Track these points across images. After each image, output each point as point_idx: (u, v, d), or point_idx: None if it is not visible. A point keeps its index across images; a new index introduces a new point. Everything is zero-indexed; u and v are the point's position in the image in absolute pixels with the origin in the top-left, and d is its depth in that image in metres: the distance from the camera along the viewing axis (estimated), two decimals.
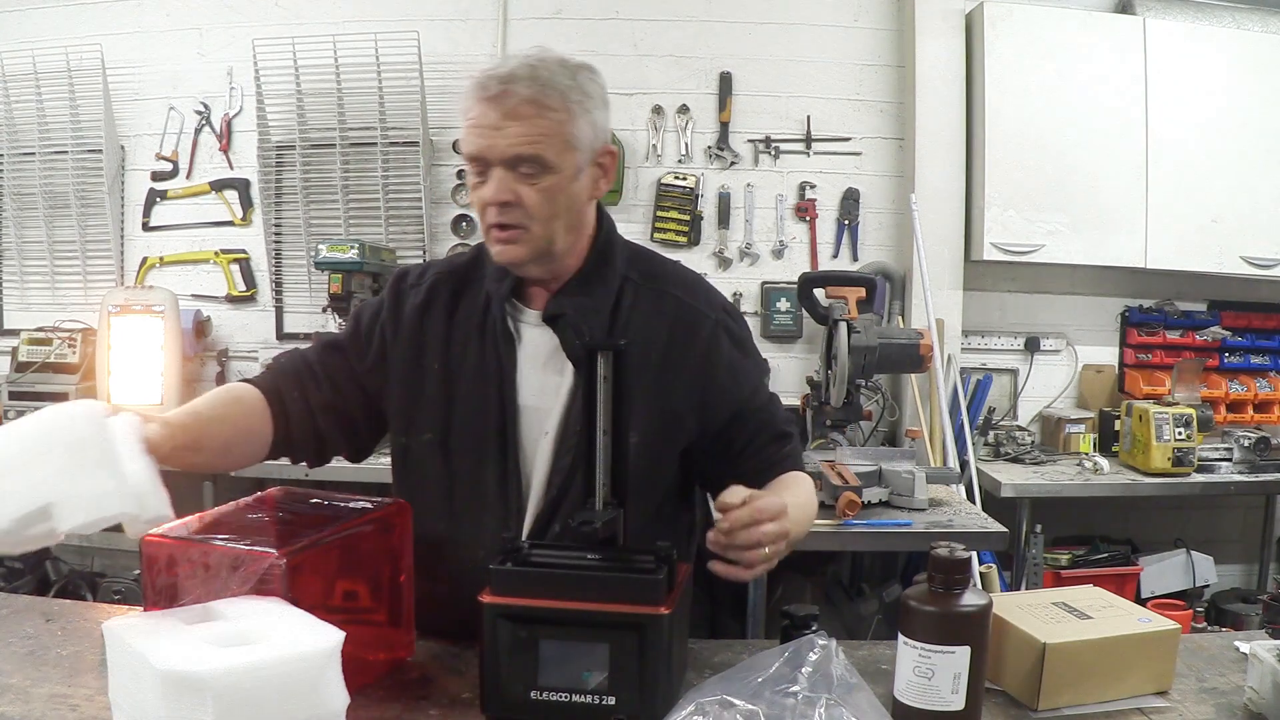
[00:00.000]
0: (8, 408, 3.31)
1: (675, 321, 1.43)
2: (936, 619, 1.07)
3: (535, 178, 1.31)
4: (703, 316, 1.45)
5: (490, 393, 1.41)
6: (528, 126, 1.29)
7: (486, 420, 1.40)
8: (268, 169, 3.66)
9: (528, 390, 1.41)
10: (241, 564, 1.09)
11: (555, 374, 1.41)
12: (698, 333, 1.43)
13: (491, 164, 1.31)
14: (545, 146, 1.30)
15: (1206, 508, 3.77)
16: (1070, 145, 3.43)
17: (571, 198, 1.36)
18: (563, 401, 1.40)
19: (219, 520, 1.21)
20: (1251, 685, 1.18)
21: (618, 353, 1.21)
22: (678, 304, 1.45)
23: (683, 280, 1.50)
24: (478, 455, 1.41)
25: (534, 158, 1.30)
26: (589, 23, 3.66)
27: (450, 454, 1.43)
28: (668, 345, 1.42)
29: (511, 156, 1.30)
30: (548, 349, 1.41)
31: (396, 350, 1.46)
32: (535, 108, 1.29)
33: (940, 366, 3.31)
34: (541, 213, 1.33)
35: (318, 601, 1.11)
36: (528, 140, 1.29)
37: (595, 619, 1.10)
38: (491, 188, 1.31)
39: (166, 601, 1.12)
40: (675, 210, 3.65)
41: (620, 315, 1.42)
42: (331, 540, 1.18)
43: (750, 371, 1.51)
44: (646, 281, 1.46)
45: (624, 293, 1.44)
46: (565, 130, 1.32)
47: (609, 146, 1.40)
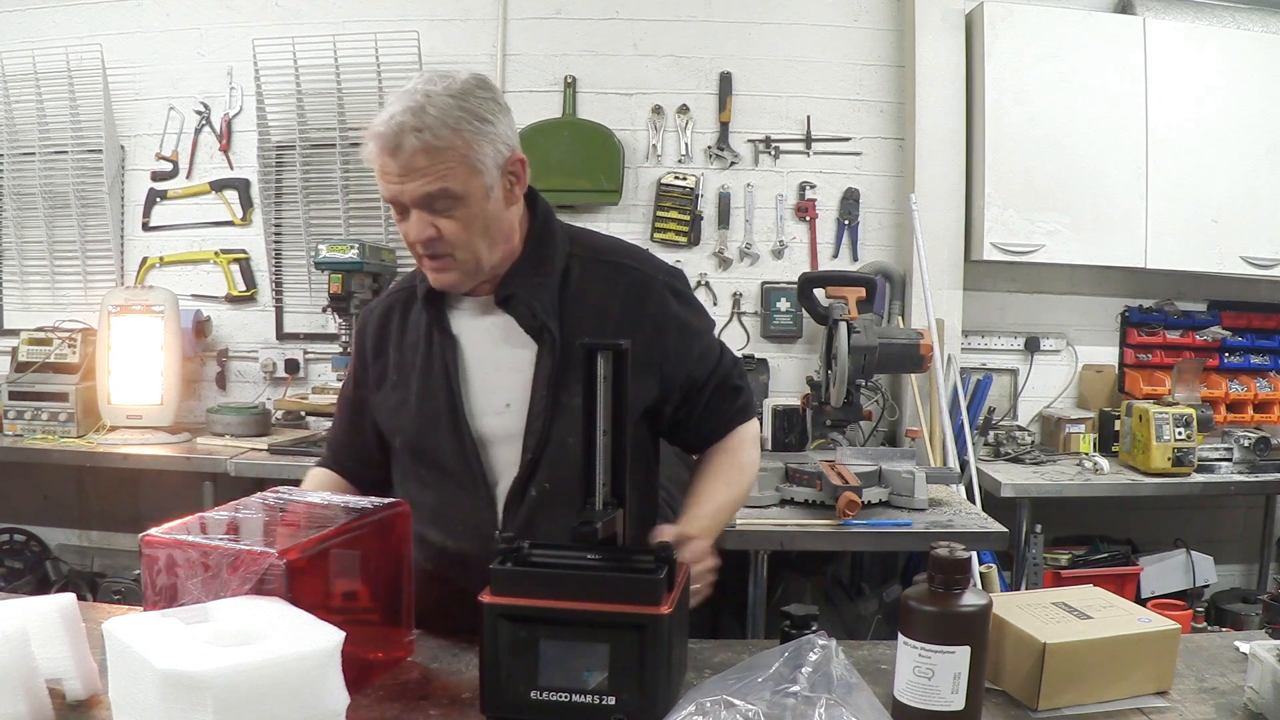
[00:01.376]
0: (8, 408, 3.31)
1: (627, 287, 1.52)
2: (936, 619, 1.07)
3: (449, 211, 1.40)
4: (650, 279, 1.55)
5: (438, 382, 1.51)
6: (427, 171, 1.37)
7: (438, 410, 1.50)
8: (268, 169, 3.66)
9: (481, 371, 1.51)
10: (241, 564, 1.10)
11: (506, 349, 1.50)
12: (648, 295, 1.53)
13: (406, 208, 1.41)
14: (450, 181, 1.38)
15: (1206, 508, 3.77)
16: (1070, 145, 3.43)
17: (488, 217, 1.44)
18: (524, 373, 1.49)
19: (219, 520, 1.21)
20: (1251, 685, 1.18)
21: (618, 353, 1.21)
22: (627, 272, 1.54)
23: (628, 251, 1.61)
24: (435, 443, 1.51)
25: (441, 193, 1.38)
26: (589, 23, 3.66)
27: (416, 450, 1.54)
28: (622, 309, 1.51)
29: (420, 198, 1.39)
30: (500, 327, 1.50)
31: (373, 374, 1.60)
32: (428, 155, 1.36)
33: (940, 366, 3.31)
34: (461, 240, 1.42)
35: (318, 601, 1.11)
36: (430, 182, 1.37)
37: (595, 619, 1.10)
38: (412, 228, 1.42)
39: (166, 601, 1.13)
40: (675, 210, 3.65)
41: (569, 288, 1.51)
42: (331, 540, 1.18)
43: (700, 327, 1.61)
44: (594, 254, 1.56)
45: (571, 268, 1.53)
46: (466, 161, 1.38)
47: (516, 155, 1.47)
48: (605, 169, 3.56)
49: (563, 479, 1.44)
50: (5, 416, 3.32)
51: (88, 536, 3.76)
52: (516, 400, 1.49)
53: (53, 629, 1.13)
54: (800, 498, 2.58)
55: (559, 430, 1.46)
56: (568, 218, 3.70)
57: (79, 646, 1.15)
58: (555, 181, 3.55)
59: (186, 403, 3.62)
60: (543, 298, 1.48)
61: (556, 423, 1.46)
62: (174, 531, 1.16)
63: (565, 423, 1.45)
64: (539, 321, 1.47)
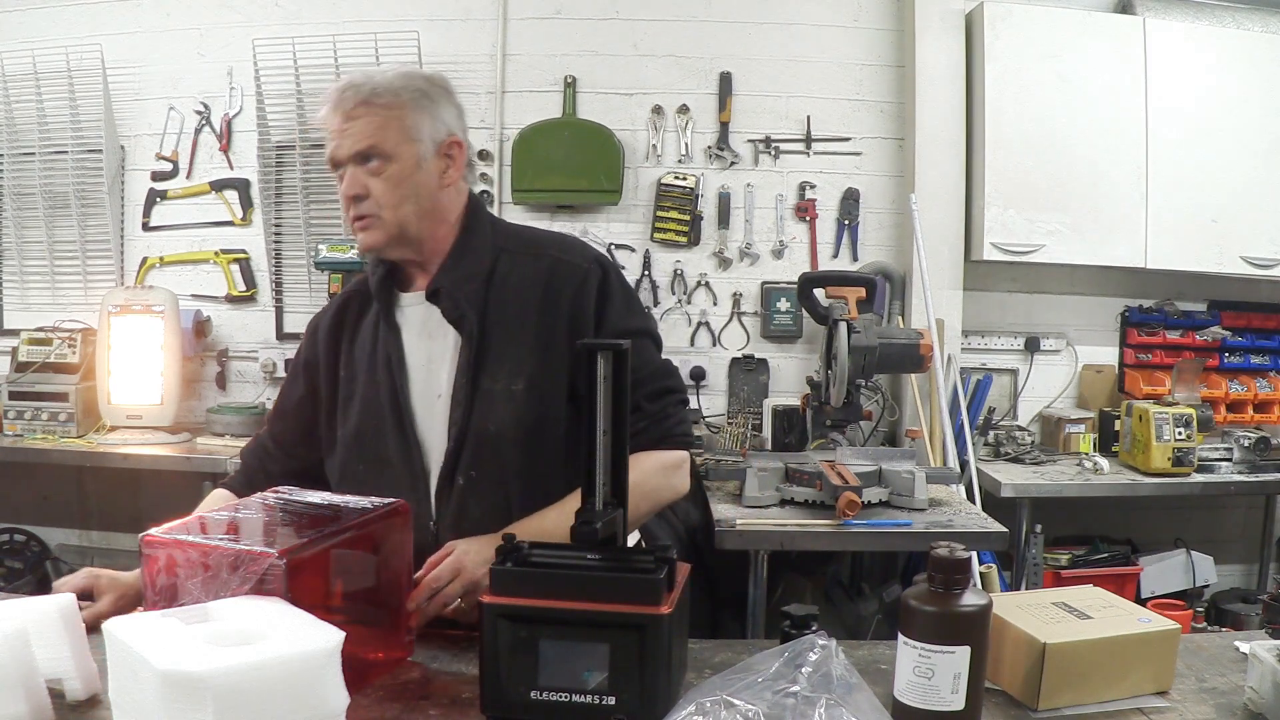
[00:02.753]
0: (8, 408, 3.31)
1: (550, 275, 1.55)
2: (936, 619, 1.07)
3: (379, 170, 1.48)
4: (575, 267, 1.56)
5: (381, 375, 1.55)
6: (363, 124, 1.47)
7: (380, 399, 1.54)
8: (268, 169, 3.66)
9: (415, 362, 1.55)
10: (241, 564, 1.10)
11: (439, 341, 1.54)
12: (570, 280, 1.55)
13: (343, 164, 1.49)
14: (381, 138, 1.47)
15: (1206, 508, 3.77)
16: (1070, 145, 3.43)
17: (418, 185, 1.50)
18: (449, 364, 1.53)
19: (219, 520, 1.22)
20: (1251, 685, 1.18)
21: (618, 353, 1.21)
22: (553, 261, 1.57)
23: (558, 242, 1.63)
24: (377, 433, 1.55)
25: (372, 148, 1.46)
26: (589, 23, 3.66)
27: (358, 440, 1.56)
28: (544, 295, 1.53)
29: (355, 153, 1.47)
30: (432, 321, 1.54)
31: (324, 374, 1.63)
32: (367, 107, 1.47)
33: (940, 366, 3.31)
34: (388, 200, 1.48)
35: (317, 601, 1.11)
36: (364, 138, 1.46)
37: (595, 619, 1.10)
38: (345, 183, 1.49)
39: (166, 601, 1.13)
40: (675, 210, 3.65)
41: (495, 280, 1.55)
42: (331, 540, 1.18)
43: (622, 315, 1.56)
44: (523, 248, 1.59)
45: (500, 261, 1.57)
46: (400, 124, 1.48)
47: (455, 138, 1.55)
48: (605, 169, 3.56)
49: (487, 466, 1.49)
50: (5, 416, 3.32)
51: (88, 536, 3.76)
52: (445, 390, 1.52)
53: (52, 629, 1.13)
54: (800, 498, 2.58)
55: (479, 417, 1.49)
56: (568, 218, 3.75)
57: (79, 646, 1.15)
58: (555, 181, 3.55)
59: (186, 403, 3.62)
60: (466, 289, 1.52)
61: (476, 409, 1.49)
62: (174, 531, 1.16)
63: (485, 409, 1.49)
64: (459, 312, 1.51)
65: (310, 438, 1.64)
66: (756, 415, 3.48)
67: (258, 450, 1.70)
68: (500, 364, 1.50)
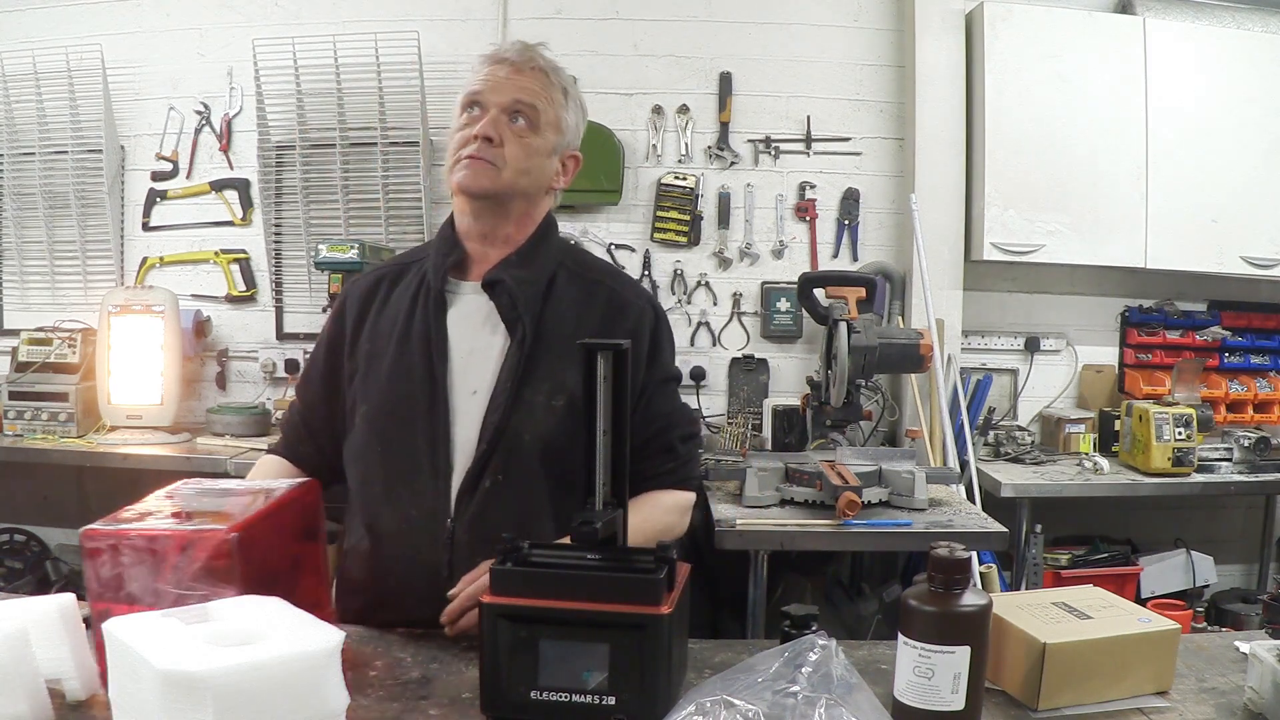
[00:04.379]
0: (8, 408, 3.31)
1: (607, 305, 1.56)
2: (936, 619, 1.07)
3: (522, 132, 1.49)
4: (632, 305, 1.57)
5: (416, 357, 1.51)
6: (535, 85, 1.50)
7: (414, 382, 1.50)
8: (268, 169, 3.66)
9: (457, 353, 1.52)
10: (191, 545, 1.11)
11: (488, 336, 1.51)
12: (628, 316, 1.55)
13: (488, 107, 1.48)
14: (542, 106, 1.50)
15: (1206, 508, 3.77)
16: (1070, 145, 3.43)
17: (540, 169, 1.53)
18: (494, 362, 1.50)
19: (147, 510, 1.23)
20: (1251, 685, 1.18)
21: (618, 353, 1.21)
22: (609, 292, 1.58)
23: (614, 274, 1.66)
24: (406, 416, 1.50)
25: (531, 108, 1.49)
26: (589, 23, 3.66)
27: (382, 419, 1.52)
28: (600, 323, 1.53)
29: (512, 101, 1.48)
30: (481, 314, 1.52)
31: (348, 341, 1.59)
32: (543, 77, 1.51)
33: (940, 366, 3.31)
34: (515, 160, 1.49)
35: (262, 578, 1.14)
36: (532, 93, 1.49)
37: (595, 619, 1.10)
38: (483, 123, 1.47)
39: (113, 592, 1.14)
40: (675, 210, 3.65)
41: (554, 293, 1.54)
42: (270, 516, 1.23)
43: (668, 360, 1.61)
44: (581, 270, 1.60)
45: (558, 276, 1.56)
46: (558, 109, 1.53)
47: (575, 152, 1.59)
48: (605, 169, 3.56)
49: (514, 473, 1.47)
50: (5, 416, 3.31)
51: None
52: (483, 388, 1.50)
53: (52, 629, 1.13)
54: (800, 498, 2.58)
55: (515, 425, 1.47)
56: (568, 217, 3.75)
57: (78, 646, 1.15)
58: None
59: (186, 403, 3.62)
60: (526, 291, 1.51)
61: (515, 416, 1.47)
62: (113, 522, 1.18)
63: (524, 417, 1.47)
64: (516, 313, 1.49)
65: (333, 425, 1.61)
66: (756, 415, 3.48)
67: (294, 427, 1.68)
68: (546, 377, 1.48)
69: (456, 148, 1.50)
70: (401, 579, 1.49)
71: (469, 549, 1.45)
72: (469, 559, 1.42)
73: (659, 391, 1.57)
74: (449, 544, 1.47)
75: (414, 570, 1.48)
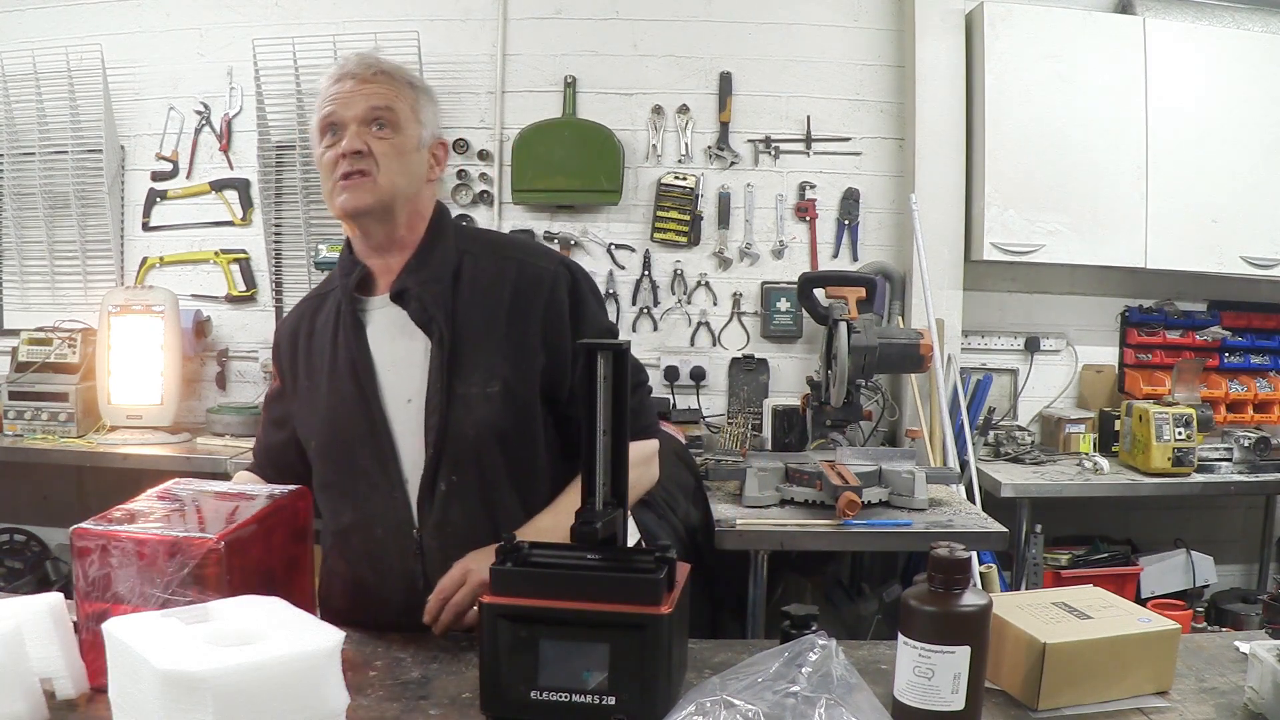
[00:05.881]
0: (8, 408, 3.31)
1: (518, 278, 1.54)
2: (936, 619, 1.07)
3: (385, 134, 1.48)
4: (543, 270, 1.56)
5: (346, 381, 1.52)
6: (383, 90, 1.49)
7: (349, 405, 1.51)
8: (268, 169, 3.66)
9: (382, 367, 1.53)
10: (179, 551, 1.12)
11: (408, 343, 1.51)
12: (540, 283, 1.54)
13: (346, 125, 1.47)
14: (398, 105, 1.49)
15: (1206, 508, 3.77)
16: (1070, 145, 3.43)
17: (413, 165, 1.52)
18: (420, 368, 1.50)
19: (138, 512, 1.24)
20: (1251, 685, 1.18)
21: (617, 353, 1.21)
22: (519, 264, 1.56)
23: (521, 245, 1.67)
24: (349, 439, 1.52)
25: (388, 109, 1.48)
26: (589, 23, 3.66)
27: (328, 448, 1.54)
28: (513, 298, 1.53)
29: (367, 110, 1.47)
30: (397, 324, 1.52)
31: (287, 384, 1.63)
32: (388, 79, 1.50)
33: (940, 366, 3.31)
34: (387, 164, 1.48)
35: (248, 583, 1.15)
36: (384, 95, 1.48)
37: (595, 619, 1.10)
38: (346, 139, 1.47)
39: (100, 592, 1.15)
40: (675, 210, 3.65)
41: (462, 282, 1.54)
42: (256, 524, 1.23)
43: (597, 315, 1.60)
44: (486, 250, 1.59)
45: (464, 264, 1.55)
46: (412, 103, 1.52)
47: (443, 140, 1.61)
48: (605, 169, 3.56)
49: (468, 470, 1.48)
50: (5, 416, 3.32)
51: None
52: (416, 394, 1.50)
53: (43, 628, 1.13)
54: (800, 498, 2.58)
55: (455, 422, 1.47)
56: (568, 217, 3.75)
57: (69, 645, 1.15)
58: (555, 181, 3.55)
59: (186, 403, 3.62)
60: (433, 291, 1.51)
61: (453, 414, 1.47)
62: (103, 523, 1.19)
63: (462, 413, 1.47)
64: (428, 315, 1.49)
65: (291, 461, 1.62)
66: (756, 415, 3.48)
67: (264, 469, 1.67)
68: (474, 368, 1.49)
69: (329, 172, 1.49)
70: (378, 595, 1.51)
71: (440, 554, 1.46)
72: (442, 563, 1.42)
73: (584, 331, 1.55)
74: (419, 553, 1.49)
75: (389, 585, 1.50)
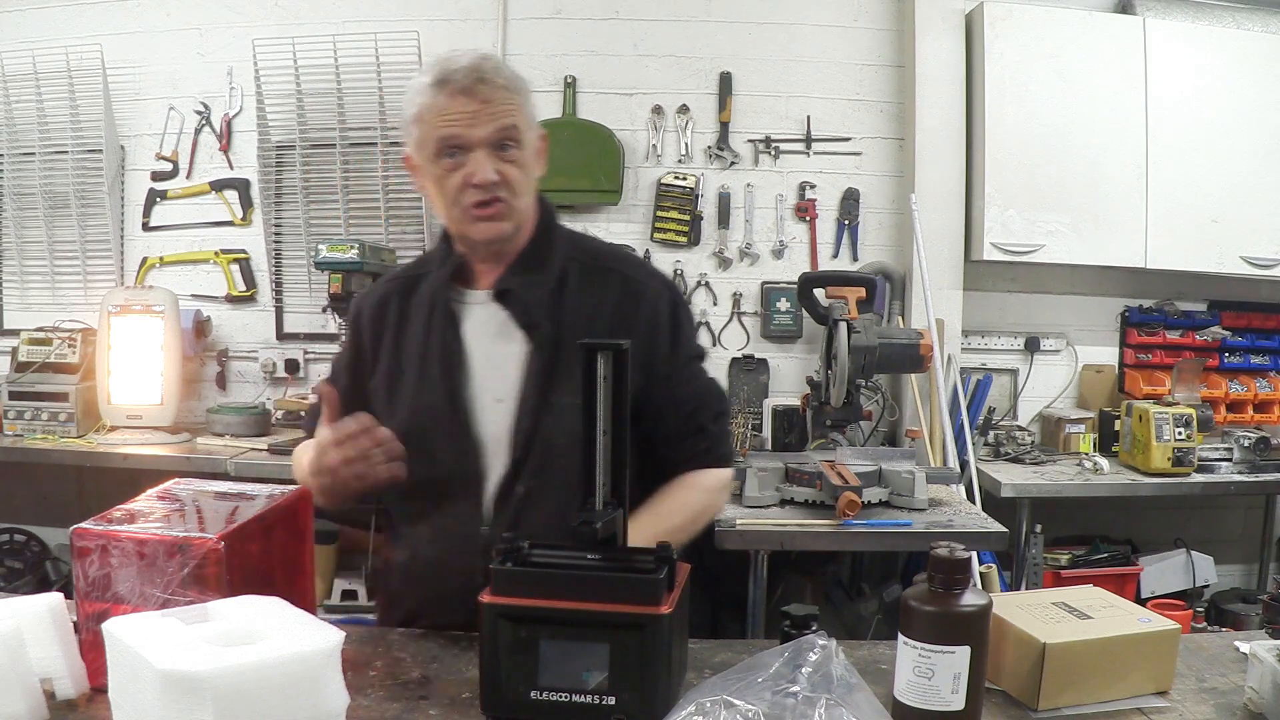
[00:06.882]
0: (8, 408, 3.31)
1: (621, 294, 1.53)
2: (936, 619, 1.07)
3: (512, 154, 1.43)
4: (646, 288, 1.55)
5: (436, 372, 1.49)
6: (506, 106, 1.42)
7: (436, 397, 1.49)
8: (268, 169, 3.66)
9: (476, 363, 1.50)
10: (179, 551, 1.12)
11: (505, 344, 1.50)
12: (642, 301, 1.53)
13: (470, 148, 1.42)
14: (520, 120, 1.44)
15: (1206, 508, 3.77)
16: (1070, 145, 3.43)
17: (532, 172, 1.49)
18: (515, 369, 1.49)
19: (138, 512, 1.23)
20: (1251, 685, 1.18)
21: (618, 352, 1.21)
22: (622, 279, 1.55)
23: (624, 258, 1.63)
24: (432, 430, 1.49)
25: (513, 130, 1.43)
26: (589, 23, 3.66)
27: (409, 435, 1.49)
28: (614, 313, 1.51)
29: (495, 133, 1.42)
30: (496, 322, 1.50)
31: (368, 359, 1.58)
32: (506, 91, 1.43)
33: (940, 366, 3.31)
34: (520, 187, 1.45)
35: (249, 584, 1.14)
36: (508, 113, 1.42)
37: (595, 619, 1.10)
38: (479, 169, 1.41)
39: (100, 592, 1.15)
40: (675, 210, 3.65)
41: (566, 291, 1.51)
42: (258, 523, 1.23)
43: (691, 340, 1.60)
44: (590, 259, 1.56)
45: (569, 271, 1.53)
46: (525, 110, 1.47)
47: (543, 131, 1.55)
48: (605, 169, 3.56)
49: (548, 478, 1.46)
50: (5, 416, 3.32)
51: None
52: (507, 395, 1.48)
53: (42, 628, 1.13)
54: (800, 498, 2.58)
55: (546, 429, 1.46)
56: (568, 218, 3.74)
57: (69, 645, 1.15)
58: (555, 181, 3.55)
59: (186, 403, 3.62)
60: (538, 295, 1.49)
61: (544, 421, 1.46)
62: (104, 522, 1.19)
63: (553, 421, 1.45)
64: (532, 318, 1.47)
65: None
66: (756, 415, 3.48)
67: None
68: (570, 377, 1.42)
69: (453, 196, 1.44)
70: (438, 588, 1.49)
71: None
72: None
73: (685, 372, 1.56)
74: (484, 551, 1.46)
75: (449, 578, 1.47)
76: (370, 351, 1.58)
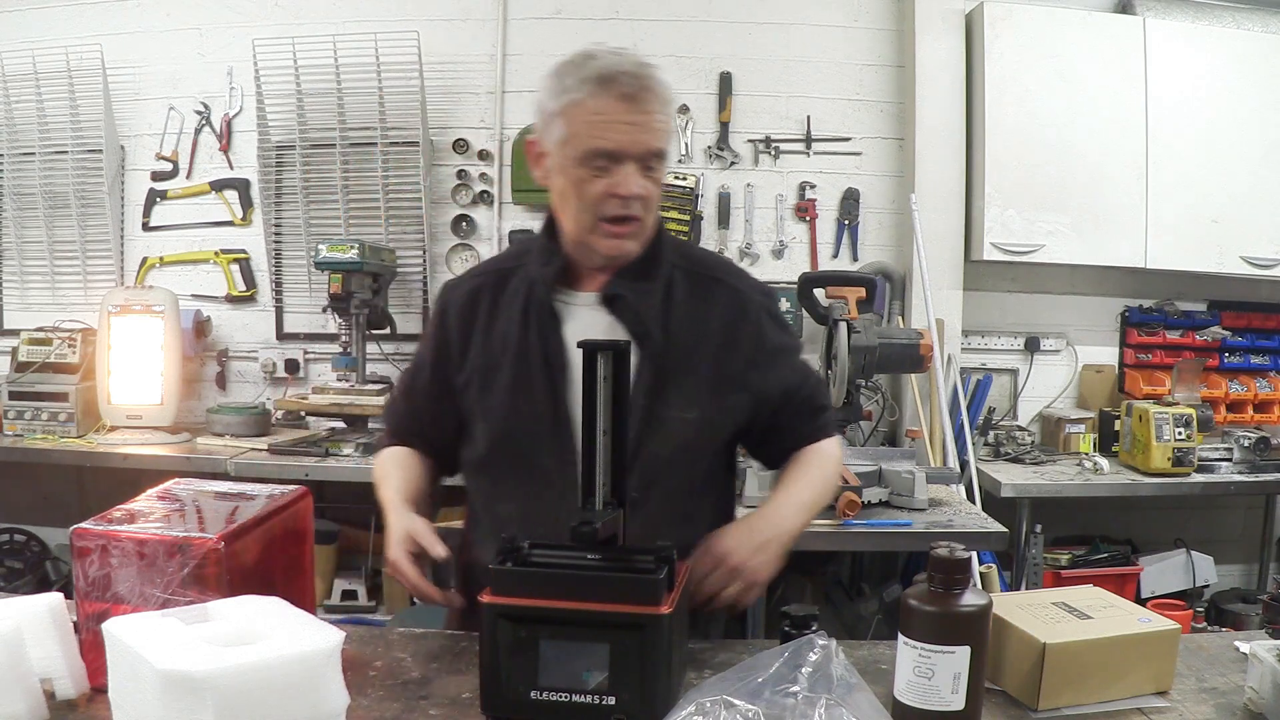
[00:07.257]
0: (8, 408, 3.31)
1: (726, 306, 1.50)
2: (936, 619, 1.07)
3: (655, 175, 1.40)
4: (749, 299, 1.53)
5: (536, 373, 1.44)
6: (660, 120, 1.38)
7: (535, 399, 1.44)
8: (268, 169, 3.66)
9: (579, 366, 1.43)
10: (179, 551, 1.12)
11: None
12: (747, 313, 1.51)
13: (626, 159, 1.36)
14: (668, 138, 1.41)
15: (1206, 508, 3.77)
16: (1070, 145, 3.43)
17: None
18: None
19: (138, 512, 1.24)
20: (1251, 685, 1.18)
21: (617, 353, 1.21)
22: (728, 290, 1.52)
23: (725, 266, 1.59)
24: (531, 434, 1.45)
25: (663, 152, 1.40)
26: (589, 23, 3.66)
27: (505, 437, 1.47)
28: (722, 328, 1.49)
29: (653, 151, 1.38)
30: (600, 327, 1.44)
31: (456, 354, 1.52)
32: (662, 105, 1.38)
33: (940, 366, 3.31)
34: (654, 205, 1.42)
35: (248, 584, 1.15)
36: (662, 135, 1.39)
37: (595, 619, 1.10)
38: (629, 182, 1.36)
39: (100, 592, 1.15)
40: (675, 210, 3.65)
41: (674, 299, 1.48)
42: (259, 524, 1.24)
43: (791, 347, 1.59)
44: (694, 268, 1.53)
45: (674, 280, 1.49)
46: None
47: None
48: None
49: (651, 485, 1.43)
50: (5, 416, 3.31)
51: None
52: None
53: (42, 628, 1.13)
54: None
55: (654, 442, 1.42)
56: None
57: (69, 645, 1.15)
58: None
59: (186, 403, 3.61)
60: (648, 303, 1.45)
61: (650, 430, 1.42)
62: (104, 522, 1.19)
63: (660, 434, 1.42)
64: (644, 327, 1.43)
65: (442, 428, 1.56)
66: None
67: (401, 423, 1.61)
68: (677, 391, 1.43)
69: (591, 204, 1.38)
70: None
71: None
72: None
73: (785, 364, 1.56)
74: None
75: None
76: (460, 343, 1.52)
